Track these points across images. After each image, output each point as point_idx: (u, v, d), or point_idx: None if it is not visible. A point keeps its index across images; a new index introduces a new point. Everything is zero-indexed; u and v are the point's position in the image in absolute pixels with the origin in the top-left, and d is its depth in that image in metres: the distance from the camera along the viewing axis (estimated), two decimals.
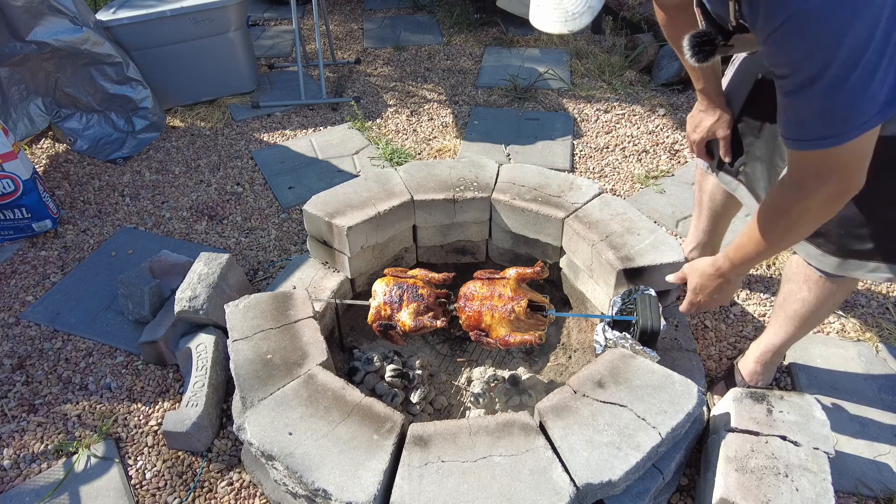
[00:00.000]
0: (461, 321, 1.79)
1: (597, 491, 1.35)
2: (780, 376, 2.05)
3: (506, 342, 1.70)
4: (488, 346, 1.76)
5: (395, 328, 1.79)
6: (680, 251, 1.86)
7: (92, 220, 2.88)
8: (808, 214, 1.25)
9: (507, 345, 1.70)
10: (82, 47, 3.09)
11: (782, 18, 1.03)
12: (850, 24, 0.98)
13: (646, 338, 1.66)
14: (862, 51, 1.00)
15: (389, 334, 1.82)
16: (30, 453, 1.90)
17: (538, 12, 1.20)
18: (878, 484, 1.73)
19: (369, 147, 3.37)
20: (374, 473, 1.35)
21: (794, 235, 1.35)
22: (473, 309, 1.75)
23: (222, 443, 1.89)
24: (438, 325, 1.76)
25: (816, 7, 0.98)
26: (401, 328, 1.77)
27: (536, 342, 1.68)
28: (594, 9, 1.13)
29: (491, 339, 1.73)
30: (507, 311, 1.70)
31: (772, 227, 1.32)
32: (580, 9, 1.13)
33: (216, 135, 3.54)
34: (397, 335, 1.82)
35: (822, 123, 1.11)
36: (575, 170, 3.16)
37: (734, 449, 1.53)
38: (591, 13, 1.13)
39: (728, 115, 1.75)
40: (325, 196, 2.12)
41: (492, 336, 1.73)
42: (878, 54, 1.01)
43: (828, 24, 0.99)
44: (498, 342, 1.71)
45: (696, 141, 1.86)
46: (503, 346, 1.71)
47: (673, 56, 3.79)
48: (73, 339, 2.28)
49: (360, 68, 4.28)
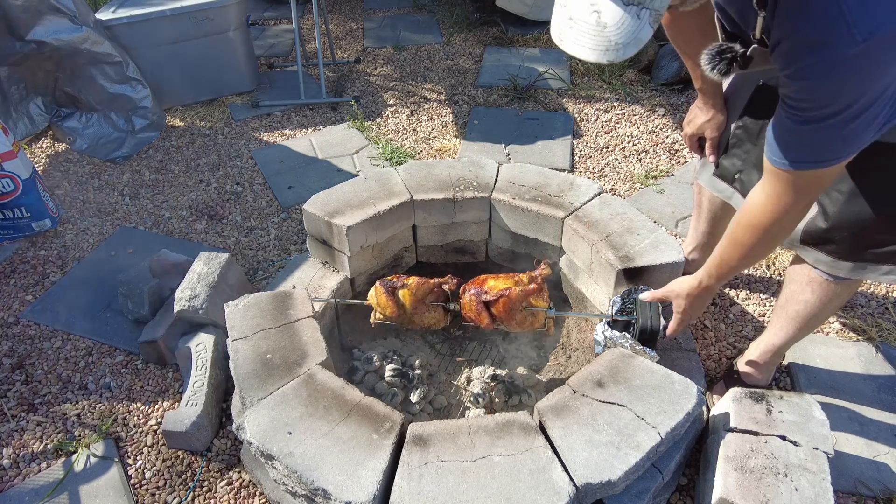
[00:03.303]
0: (465, 301, 1.78)
1: (596, 491, 1.35)
2: (780, 376, 2.05)
3: (514, 317, 1.70)
4: (493, 326, 1.75)
5: (404, 287, 1.78)
6: (680, 251, 1.86)
7: (91, 220, 2.88)
8: (786, 227, 1.32)
9: (514, 318, 1.70)
10: (82, 46, 3.09)
11: (815, 59, 1.03)
12: (878, 79, 1.02)
13: (645, 337, 1.66)
14: (878, 99, 1.05)
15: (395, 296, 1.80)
16: (29, 453, 1.90)
17: (569, 35, 1.01)
18: (877, 484, 1.73)
19: (369, 147, 3.37)
20: (374, 473, 1.35)
21: (773, 245, 1.41)
22: (479, 289, 1.76)
23: (222, 442, 1.89)
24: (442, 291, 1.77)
25: (852, 58, 0.99)
26: (407, 289, 1.77)
27: (548, 329, 1.71)
28: (641, 41, 0.98)
29: (500, 311, 1.72)
30: (516, 290, 1.71)
31: (753, 240, 1.35)
32: (626, 39, 0.97)
33: (216, 134, 3.54)
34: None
35: (822, 150, 1.14)
36: (575, 169, 3.16)
37: (733, 449, 1.53)
38: (636, 45, 0.98)
39: (722, 116, 1.76)
40: (324, 195, 2.12)
41: (501, 309, 1.71)
42: (887, 99, 1.06)
43: (858, 75, 1.01)
44: (506, 317, 1.71)
45: (687, 134, 1.88)
46: (510, 320, 1.71)
47: (673, 56, 3.79)
48: (72, 338, 2.28)
49: (359, 68, 4.28)
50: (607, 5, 0.96)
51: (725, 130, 1.78)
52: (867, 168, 1.34)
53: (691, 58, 1.72)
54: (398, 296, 1.78)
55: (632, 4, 0.95)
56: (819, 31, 1.00)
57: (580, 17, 0.99)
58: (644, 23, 0.96)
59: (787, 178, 1.22)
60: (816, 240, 1.52)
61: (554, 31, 1.05)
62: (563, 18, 1.02)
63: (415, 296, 1.77)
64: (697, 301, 1.57)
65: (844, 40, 0.97)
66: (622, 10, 0.95)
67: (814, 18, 1.00)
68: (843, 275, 1.54)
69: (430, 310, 1.79)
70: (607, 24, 0.97)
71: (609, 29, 0.97)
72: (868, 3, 0.95)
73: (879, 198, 1.38)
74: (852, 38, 0.96)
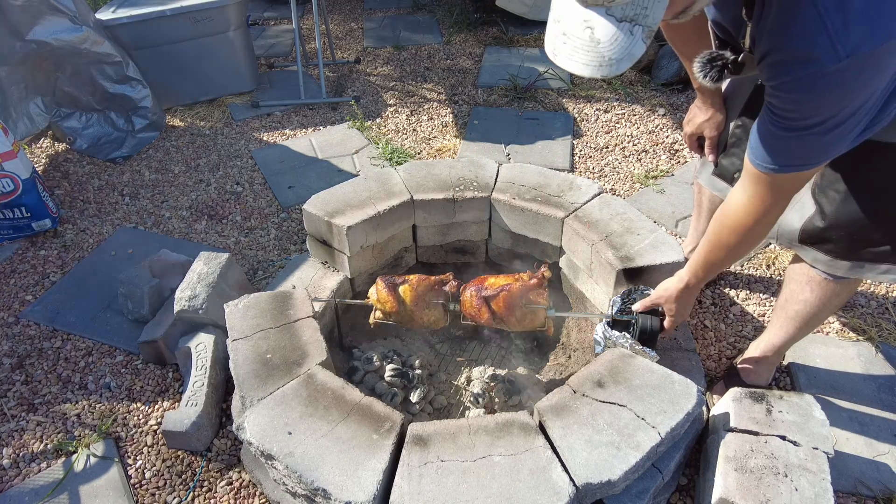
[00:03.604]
0: (465, 297, 1.78)
1: (596, 490, 1.35)
2: (780, 376, 2.05)
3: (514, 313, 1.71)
4: (493, 322, 1.75)
5: (405, 283, 1.80)
6: (679, 251, 1.86)
7: (91, 220, 2.88)
8: (768, 226, 1.36)
9: (514, 314, 1.71)
10: (82, 46, 3.09)
11: (800, 74, 1.05)
12: (860, 93, 1.05)
13: (645, 337, 1.66)
14: (859, 110, 1.08)
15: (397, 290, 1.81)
16: (29, 453, 1.90)
17: (563, 50, 1.02)
18: (877, 484, 1.73)
19: (369, 146, 3.37)
20: (374, 473, 1.35)
21: (756, 243, 1.45)
22: (479, 286, 1.76)
23: (222, 442, 1.89)
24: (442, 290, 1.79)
25: (836, 72, 1.01)
26: (408, 285, 1.79)
27: (548, 329, 1.71)
28: (634, 56, 0.98)
29: (500, 307, 1.73)
30: (517, 285, 1.72)
31: (738, 241, 1.39)
32: (619, 55, 0.98)
33: (216, 134, 3.54)
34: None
35: (806, 154, 1.19)
36: (575, 169, 3.16)
37: (733, 449, 1.53)
38: (630, 60, 0.98)
39: (721, 116, 1.76)
40: (324, 195, 2.12)
41: (502, 304, 1.73)
42: (868, 109, 1.10)
43: (841, 89, 1.04)
44: (506, 313, 1.72)
45: (687, 134, 1.89)
46: (510, 316, 1.71)
47: (672, 56, 3.79)
48: (72, 338, 2.28)
49: (359, 68, 4.28)
50: (600, 21, 0.96)
51: (725, 130, 1.78)
52: (864, 167, 1.35)
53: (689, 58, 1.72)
54: (399, 291, 1.78)
55: (625, 21, 0.95)
56: (803, 47, 1.02)
57: (574, 32, 0.99)
58: (637, 39, 0.97)
59: (768, 181, 1.26)
60: (814, 239, 1.53)
61: (548, 47, 1.05)
62: (557, 34, 1.02)
63: (415, 291, 1.77)
64: (685, 301, 1.61)
65: (829, 56, 0.99)
66: (615, 27, 0.96)
67: (798, 35, 1.02)
68: (841, 273, 1.54)
69: (431, 307, 1.79)
70: (601, 41, 0.97)
71: (602, 45, 0.97)
72: (850, 20, 0.96)
73: (876, 197, 1.39)
74: (836, 54, 0.98)
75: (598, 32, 0.97)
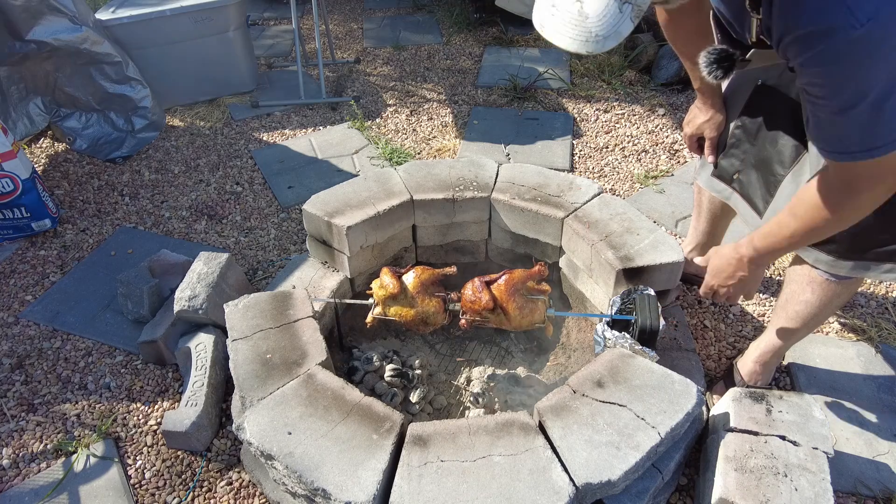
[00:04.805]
0: (466, 290, 1.79)
1: (596, 490, 1.35)
2: (780, 376, 2.05)
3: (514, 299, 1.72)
4: (491, 323, 1.76)
5: (409, 273, 1.82)
6: (679, 251, 1.86)
7: (91, 220, 2.88)
8: (860, 210, 1.24)
9: (514, 300, 1.72)
10: (82, 46, 3.09)
11: (822, 46, 1.02)
12: (891, 60, 0.99)
13: (645, 337, 1.66)
14: None
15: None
16: (29, 453, 1.90)
17: (551, 22, 1.02)
18: (876, 484, 1.74)
19: (369, 146, 3.37)
20: (374, 473, 1.35)
21: (835, 229, 1.31)
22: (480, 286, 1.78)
23: (221, 442, 1.89)
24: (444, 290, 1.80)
25: (858, 40, 0.98)
26: (413, 273, 1.80)
27: (548, 329, 1.72)
28: (621, 35, 0.98)
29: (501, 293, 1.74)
30: (519, 272, 1.74)
31: (815, 223, 1.29)
32: (606, 31, 0.98)
33: (215, 134, 3.54)
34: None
35: (868, 137, 1.10)
36: (574, 169, 3.16)
37: (733, 449, 1.53)
38: (616, 38, 0.98)
39: (721, 116, 1.76)
40: (324, 195, 2.12)
41: (503, 288, 1.74)
42: None
43: (868, 59, 1.00)
44: (506, 298, 1.73)
45: (687, 134, 1.89)
46: (510, 302, 1.72)
47: (672, 56, 3.79)
48: (72, 338, 2.27)
49: (359, 68, 4.28)
50: None
51: (724, 131, 1.78)
52: None
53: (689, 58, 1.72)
54: (403, 279, 1.80)
55: None
56: (820, 20, 1.00)
57: (563, 5, 1.00)
58: (626, 17, 0.97)
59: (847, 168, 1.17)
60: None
61: (536, 18, 1.05)
62: (546, 6, 1.02)
63: (419, 278, 1.78)
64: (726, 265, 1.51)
65: (848, 22, 0.97)
66: (605, 3, 0.96)
67: (812, 9, 1.00)
68: (843, 273, 1.54)
69: (431, 299, 1.79)
70: (589, 15, 0.97)
71: (591, 20, 0.97)
72: None
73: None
74: (855, 19, 0.96)
75: (587, 7, 0.97)
